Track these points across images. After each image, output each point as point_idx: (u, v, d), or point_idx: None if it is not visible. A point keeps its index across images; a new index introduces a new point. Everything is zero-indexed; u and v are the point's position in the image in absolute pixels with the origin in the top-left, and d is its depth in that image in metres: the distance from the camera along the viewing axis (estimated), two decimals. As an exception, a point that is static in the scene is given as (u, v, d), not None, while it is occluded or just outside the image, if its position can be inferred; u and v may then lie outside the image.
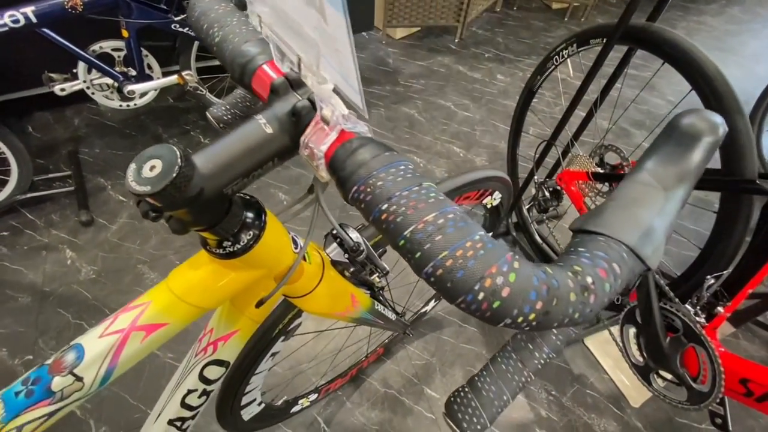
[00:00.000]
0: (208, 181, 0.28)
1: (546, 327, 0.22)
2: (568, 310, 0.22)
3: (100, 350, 0.33)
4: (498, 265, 0.22)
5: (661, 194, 0.28)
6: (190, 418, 0.51)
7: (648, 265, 0.25)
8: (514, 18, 2.78)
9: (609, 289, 0.23)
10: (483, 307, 0.22)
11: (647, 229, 0.26)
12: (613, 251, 0.24)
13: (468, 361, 1.26)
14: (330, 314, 0.54)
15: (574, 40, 1.11)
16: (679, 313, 0.87)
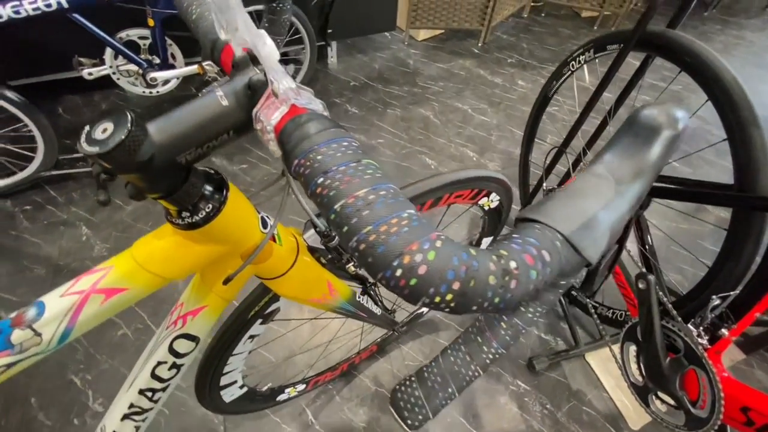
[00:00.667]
0: (160, 148, 0.28)
1: (464, 309, 0.21)
2: (487, 293, 0.21)
3: (60, 309, 0.34)
4: (420, 243, 0.21)
5: (611, 187, 0.27)
6: (160, 390, 0.52)
7: (584, 256, 0.24)
8: (541, 24, 2.73)
9: (535, 276, 0.22)
10: (401, 284, 0.21)
11: (588, 221, 0.25)
12: (546, 239, 0.23)
13: (462, 367, 1.24)
14: (305, 300, 0.54)
15: (591, 45, 1.08)
16: (680, 332, 0.83)
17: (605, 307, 1.17)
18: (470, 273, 0.21)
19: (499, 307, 0.22)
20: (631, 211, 0.28)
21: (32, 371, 1.17)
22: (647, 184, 0.29)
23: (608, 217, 0.26)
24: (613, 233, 0.26)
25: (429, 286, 0.21)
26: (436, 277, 0.21)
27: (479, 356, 0.32)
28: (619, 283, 1.04)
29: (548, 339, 1.31)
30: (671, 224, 1.64)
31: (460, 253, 0.21)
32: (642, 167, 0.28)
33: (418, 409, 0.32)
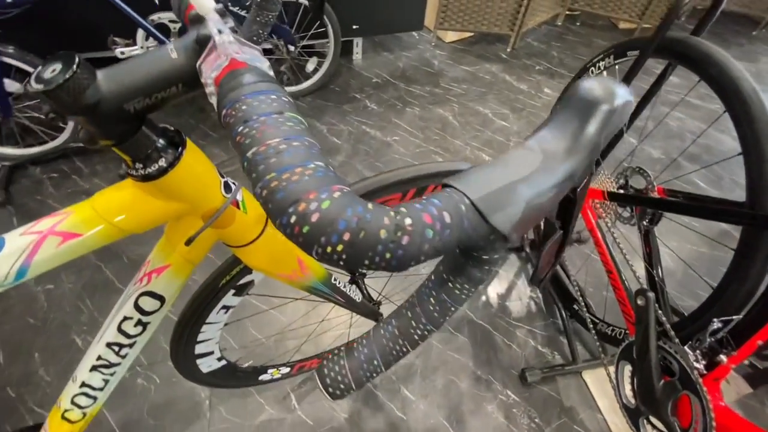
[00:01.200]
0: (107, 94, 0.29)
1: (355, 262, 0.21)
2: (377, 247, 0.21)
3: (18, 246, 0.36)
4: (318, 192, 0.21)
5: (537, 161, 0.26)
6: (127, 346, 0.54)
7: (491, 223, 0.23)
8: (575, 33, 2.67)
9: (431, 235, 0.21)
10: (295, 231, 0.21)
11: (502, 190, 0.24)
12: (451, 201, 0.23)
13: (452, 370, 1.22)
14: (274, 274, 0.55)
15: (612, 51, 1.05)
16: (676, 354, 0.79)
17: (605, 324, 1.13)
18: (361, 224, 0.21)
19: (392, 264, 0.21)
20: (562, 190, 0.27)
21: (39, 328, 1.23)
22: (581, 163, 0.27)
23: (527, 190, 0.25)
24: (534, 209, 0.25)
25: (320, 235, 0.21)
26: (327, 226, 0.20)
27: (408, 332, 0.31)
28: (619, 299, 1.00)
29: (545, 352, 1.27)
30: (691, 247, 1.56)
31: (356, 206, 0.21)
32: (577, 143, 0.27)
33: (341, 378, 0.31)
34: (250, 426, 1.09)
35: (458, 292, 0.29)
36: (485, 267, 0.28)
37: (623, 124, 0.28)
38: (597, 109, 0.27)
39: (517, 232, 0.25)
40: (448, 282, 0.30)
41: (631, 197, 0.99)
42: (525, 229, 0.25)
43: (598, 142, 0.27)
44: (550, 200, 0.26)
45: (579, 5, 2.59)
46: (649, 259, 1.04)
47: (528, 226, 0.25)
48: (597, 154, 0.28)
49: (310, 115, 1.97)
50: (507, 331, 1.31)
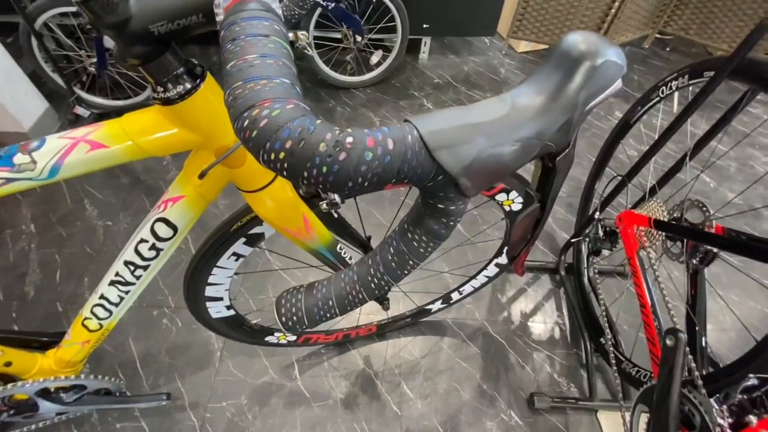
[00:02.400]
0: (136, 13, 0.33)
1: (295, 171, 0.22)
2: (315, 159, 0.21)
3: (55, 146, 0.41)
4: (272, 101, 0.22)
5: (502, 111, 0.25)
6: (141, 268, 0.59)
7: (436, 159, 0.23)
8: (663, 59, 2.47)
9: (370, 158, 0.22)
10: (246, 136, 0.22)
11: (456, 130, 0.23)
12: (398, 131, 0.23)
13: (457, 378, 1.18)
14: (280, 227, 0.57)
15: (687, 70, 0.96)
16: (700, 406, 0.71)
17: (630, 363, 1.03)
18: (303, 135, 0.21)
19: (328, 179, 0.22)
20: (526, 148, 0.25)
21: (93, 257, 1.37)
22: (554, 122, 0.26)
23: (483, 137, 0.24)
24: (490, 158, 0.24)
25: (266, 140, 0.22)
26: (273, 132, 0.21)
27: (366, 279, 0.31)
28: (649, 337, 0.91)
29: (560, 381, 1.19)
30: (744, 298, 1.38)
31: (304, 118, 0.22)
32: (552, 101, 0.26)
33: (295, 311, 0.32)
34: (251, 384, 1.14)
35: (416, 244, 0.29)
36: (442, 219, 0.27)
37: (609, 89, 0.26)
38: (579, 66, 0.26)
39: (470, 180, 0.24)
40: (407, 232, 0.29)
41: (683, 229, 0.90)
42: (480, 181, 0.24)
43: (576, 102, 0.26)
44: (510, 155, 0.25)
45: (672, 28, 2.40)
46: (692, 302, 0.94)
47: (484, 178, 0.25)
48: (575, 116, 0.26)
49: (366, 107, 2.01)
50: (523, 351, 1.25)
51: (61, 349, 0.73)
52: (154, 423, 1.06)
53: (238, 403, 1.11)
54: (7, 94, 1.55)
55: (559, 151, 0.28)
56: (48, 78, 1.72)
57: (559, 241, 1.52)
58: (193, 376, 1.14)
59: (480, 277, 1.09)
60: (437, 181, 0.24)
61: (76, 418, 1.05)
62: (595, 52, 0.25)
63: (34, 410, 0.75)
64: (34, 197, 1.53)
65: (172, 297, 1.29)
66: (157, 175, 1.63)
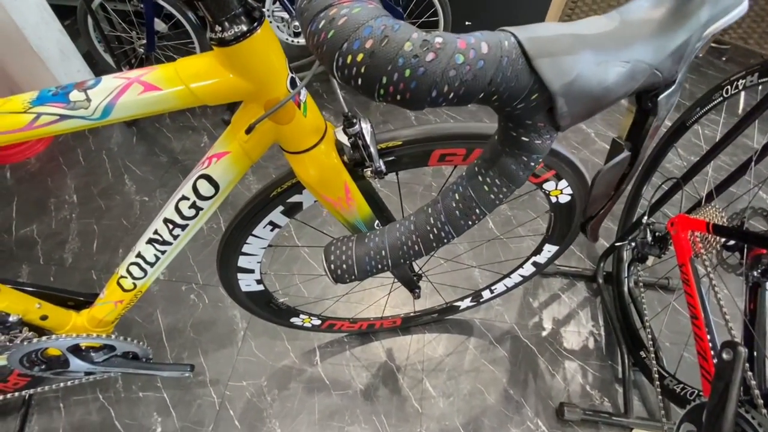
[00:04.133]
0: None
1: (373, 77, 0.19)
2: (398, 60, 0.19)
3: (110, 85, 0.40)
4: (354, 1, 0.20)
5: (611, 27, 0.22)
6: (179, 227, 0.58)
7: (534, 68, 0.20)
8: (718, 69, 2.34)
9: (461, 61, 0.19)
10: (321, 38, 0.20)
11: (558, 38, 0.20)
12: (494, 35, 0.20)
13: (482, 380, 1.14)
14: (320, 194, 0.55)
15: (758, 68, 0.89)
16: (759, 427, 0.64)
17: (675, 380, 0.96)
18: (387, 32, 0.19)
19: (410, 86, 0.19)
20: (634, 74, 0.22)
21: (129, 230, 1.41)
22: (669, 47, 0.22)
23: (589, 51, 0.21)
24: (592, 79, 0.21)
25: (344, 40, 0.19)
26: (352, 31, 0.19)
27: (424, 228, 0.29)
28: (700, 351, 0.84)
29: (593, 394, 1.12)
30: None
31: (386, 18, 0.20)
32: (671, 17, 0.22)
33: (345, 259, 0.30)
34: (272, 367, 1.13)
35: (487, 189, 0.26)
36: (523, 157, 0.24)
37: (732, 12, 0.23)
38: None
39: (568, 105, 0.21)
40: (478, 174, 0.26)
41: (746, 234, 0.82)
42: (578, 107, 0.21)
43: (697, 21, 0.22)
44: (616, 78, 0.21)
45: (731, 37, 2.27)
46: (751, 318, 0.86)
47: (583, 104, 0.21)
48: (692, 40, 0.23)
49: (402, 101, 1.99)
50: (554, 359, 1.18)
51: (95, 308, 0.74)
52: (176, 395, 1.07)
53: (258, 383, 1.10)
54: (60, 69, 1.62)
55: (664, 85, 0.25)
56: (99, 57, 1.79)
57: (597, 248, 1.45)
58: (215, 353, 1.15)
59: (514, 275, 1.04)
60: (529, 102, 0.21)
61: (103, 382, 1.07)
62: None
63: (65, 366, 0.76)
64: (78, 169, 1.59)
65: (201, 274, 1.31)
66: (195, 156, 1.66)
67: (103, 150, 1.67)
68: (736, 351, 0.68)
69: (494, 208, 0.27)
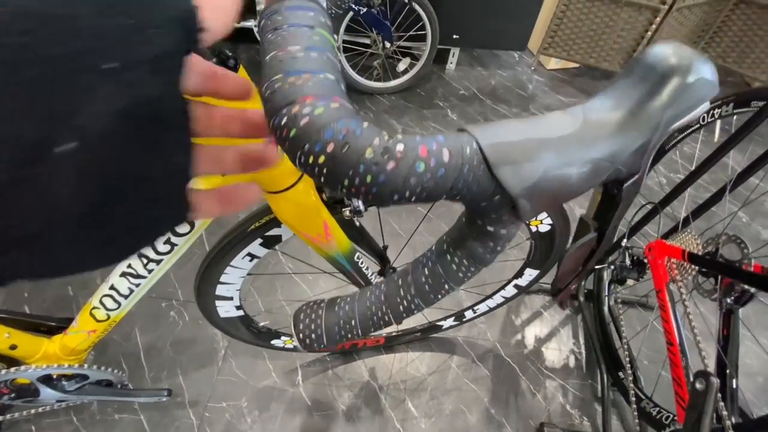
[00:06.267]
0: None
1: (334, 179, 0.19)
2: (359, 166, 0.19)
3: None
4: (316, 98, 0.20)
5: (573, 127, 0.22)
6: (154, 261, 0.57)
7: (496, 175, 0.20)
8: (697, 86, 2.40)
9: (422, 169, 0.19)
10: (283, 134, 0.20)
11: (520, 144, 0.20)
12: (456, 141, 0.20)
13: (464, 400, 1.14)
14: (299, 231, 0.55)
15: (733, 99, 0.91)
16: (731, 458, 0.66)
17: (651, 402, 0.98)
18: (348, 138, 0.19)
19: (372, 190, 0.19)
20: (597, 171, 0.22)
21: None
22: (631, 143, 0.23)
23: (551, 154, 0.21)
24: (555, 180, 0.21)
25: (305, 141, 0.19)
26: (314, 133, 0.19)
27: (394, 300, 0.29)
28: (675, 377, 0.86)
29: (573, 413, 1.14)
30: (786, 350, 1.30)
31: (349, 120, 0.19)
32: (632, 117, 0.22)
33: (314, 328, 0.29)
34: (253, 387, 1.12)
35: (455, 268, 0.26)
36: (489, 243, 0.24)
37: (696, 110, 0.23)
38: (667, 81, 0.22)
39: (530, 203, 0.21)
40: (447, 253, 0.26)
41: (720, 265, 0.84)
42: (541, 204, 0.22)
43: (659, 123, 0.23)
44: (578, 177, 0.22)
45: (710, 55, 2.33)
46: (724, 344, 0.88)
47: (545, 201, 0.22)
48: (653, 138, 0.23)
49: (389, 113, 2.00)
50: (535, 377, 1.19)
51: (67, 336, 0.72)
52: (153, 417, 1.05)
53: (238, 405, 1.08)
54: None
55: (628, 176, 0.25)
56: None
57: (579, 266, 1.47)
58: (195, 373, 1.13)
59: (497, 297, 1.05)
60: (492, 202, 0.21)
61: (76, 406, 1.04)
62: (687, 66, 0.22)
63: (35, 396, 0.73)
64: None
65: (182, 290, 1.28)
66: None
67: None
68: (709, 382, 0.69)
69: (463, 283, 0.28)
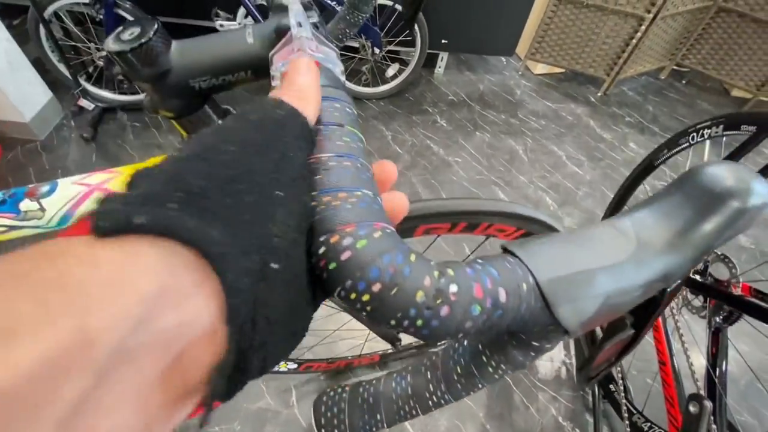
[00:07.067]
0: (177, 66, 0.28)
1: (381, 318, 0.17)
2: (409, 311, 0.17)
3: (67, 194, 0.36)
4: (357, 226, 0.18)
5: (629, 249, 0.21)
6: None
7: (555, 316, 0.19)
8: (678, 92, 2.46)
9: (478, 312, 0.17)
10: (321, 265, 0.18)
11: (578, 277, 0.19)
12: (511, 276, 0.18)
13: (460, 415, 1.14)
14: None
15: (723, 120, 0.93)
16: (725, 483, 0.67)
17: (642, 417, 1.00)
18: (397, 279, 0.17)
19: (422, 333, 0.17)
20: (650, 290, 0.21)
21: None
22: (683, 263, 0.22)
23: (608, 282, 0.20)
24: (610, 305, 0.20)
25: (347, 278, 0.17)
26: (357, 270, 0.17)
27: (422, 394, 0.27)
28: (667, 396, 0.88)
29: (565, 425, 1.15)
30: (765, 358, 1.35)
31: (396, 253, 0.18)
32: (684, 238, 0.21)
33: (338, 423, 0.28)
34: (246, 409, 1.09)
35: (492, 371, 0.25)
36: (531, 353, 0.23)
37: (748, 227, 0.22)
38: (723, 204, 0.21)
39: (583, 329, 0.20)
40: (483, 355, 0.25)
41: (708, 287, 0.86)
42: (593, 326, 0.21)
43: (712, 244, 0.22)
44: (633, 300, 0.21)
45: (690, 62, 2.38)
46: (713, 361, 0.90)
47: (597, 323, 0.21)
48: (705, 256, 0.22)
49: (377, 119, 1.97)
50: (528, 390, 1.21)
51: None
52: (142, 446, 1.01)
53: (231, 428, 1.06)
54: (9, 82, 1.49)
55: (671, 285, 0.24)
56: (53, 67, 1.66)
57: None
58: (185, 397, 1.09)
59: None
60: (546, 331, 0.20)
61: None
62: (747, 191, 0.21)
63: None
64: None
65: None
66: (161, 177, 1.57)
67: (58, 169, 1.56)
68: (703, 406, 0.71)
69: (495, 382, 0.26)
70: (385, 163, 0.24)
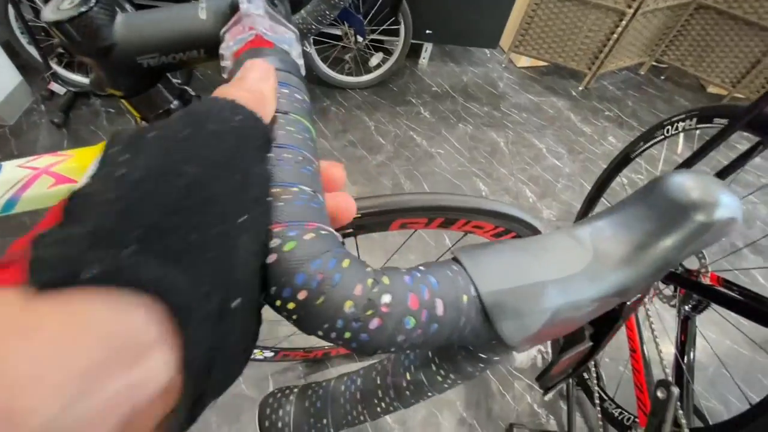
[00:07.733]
0: (121, 42, 0.27)
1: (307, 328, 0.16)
2: (336, 322, 0.15)
3: (13, 177, 0.34)
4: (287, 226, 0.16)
5: (583, 261, 0.20)
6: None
7: (498, 331, 0.18)
8: (657, 87, 2.50)
9: (412, 326, 0.16)
10: None
11: (525, 290, 0.18)
12: (451, 286, 0.17)
13: (437, 404, 1.15)
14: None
15: (696, 113, 0.95)
16: (688, 465, 0.70)
17: (613, 403, 1.03)
18: (324, 286, 0.15)
19: (351, 346, 0.16)
20: (604, 305, 0.20)
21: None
22: (641, 278, 0.20)
23: (558, 295, 0.18)
24: (560, 320, 0.19)
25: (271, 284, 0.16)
26: (282, 276, 0.16)
27: (370, 400, 0.26)
28: (637, 383, 0.90)
29: (540, 412, 1.18)
30: (731, 345, 1.40)
31: (327, 259, 0.16)
32: (642, 252, 0.20)
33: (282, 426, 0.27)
34: (221, 400, 1.08)
35: (441, 380, 0.24)
36: (480, 365, 0.22)
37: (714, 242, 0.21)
38: (686, 218, 0.20)
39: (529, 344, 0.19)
40: (432, 363, 0.24)
41: (678, 277, 0.88)
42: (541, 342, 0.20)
43: (672, 260, 0.20)
44: (586, 315, 0.20)
45: (669, 58, 2.42)
46: (681, 349, 0.93)
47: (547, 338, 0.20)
48: (666, 272, 0.21)
49: (361, 109, 1.95)
50: (505, 379, 1.23)
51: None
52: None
53: (206, 417, 1.05)
54: (-27, 64, 1.42)
55: (629, 299, 0.24)
56: (23, 50, 1.59)
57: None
58: (160, 389, 1.07)
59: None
60: (488, 344, 0.19)
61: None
62: (713, 204, 0.20)
63: None
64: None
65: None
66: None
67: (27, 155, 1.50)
68: (669, 391, 0.73)
69: (445, 392, 0.26)
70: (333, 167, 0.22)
